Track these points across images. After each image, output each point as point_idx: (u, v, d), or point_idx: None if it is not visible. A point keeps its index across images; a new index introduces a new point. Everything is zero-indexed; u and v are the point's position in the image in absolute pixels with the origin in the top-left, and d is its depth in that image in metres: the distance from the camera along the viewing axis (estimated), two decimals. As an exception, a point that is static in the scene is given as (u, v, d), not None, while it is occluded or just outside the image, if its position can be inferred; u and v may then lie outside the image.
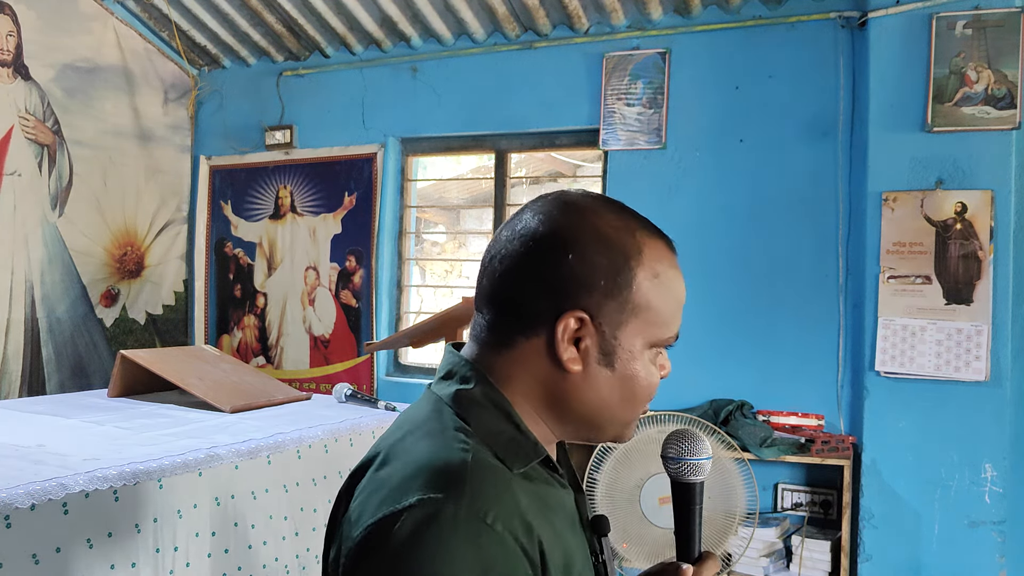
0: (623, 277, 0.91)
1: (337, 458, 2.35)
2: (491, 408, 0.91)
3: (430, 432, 0.88)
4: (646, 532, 3.21)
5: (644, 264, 0.92)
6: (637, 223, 0.95)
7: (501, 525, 0.80)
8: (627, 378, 0.93)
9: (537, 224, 0.93)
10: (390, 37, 4.45)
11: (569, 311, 0.90)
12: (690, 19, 3.83)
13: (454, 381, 0.95)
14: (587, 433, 0.98)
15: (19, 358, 4.18)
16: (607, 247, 0.91)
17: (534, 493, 0.88)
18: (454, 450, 0.85)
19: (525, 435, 0.91)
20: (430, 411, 0.93)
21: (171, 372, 2.63)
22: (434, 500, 0.79)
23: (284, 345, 4.82)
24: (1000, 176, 3.17)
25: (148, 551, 1.79)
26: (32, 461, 1.78)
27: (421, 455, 0.85)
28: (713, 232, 3.72)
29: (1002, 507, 3.15)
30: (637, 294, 0.91)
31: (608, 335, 0.91)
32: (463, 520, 0.78)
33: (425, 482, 0.81)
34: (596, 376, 0.92)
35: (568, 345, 0.91)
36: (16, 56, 4.15)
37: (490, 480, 0.83)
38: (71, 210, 4.43)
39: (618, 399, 0.94)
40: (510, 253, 0.93)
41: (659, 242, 0.95)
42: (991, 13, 3.19)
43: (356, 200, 4.62)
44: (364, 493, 0.87)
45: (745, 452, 3.34)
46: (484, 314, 0.96)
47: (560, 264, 0.90)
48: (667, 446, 1.04)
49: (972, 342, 3.17)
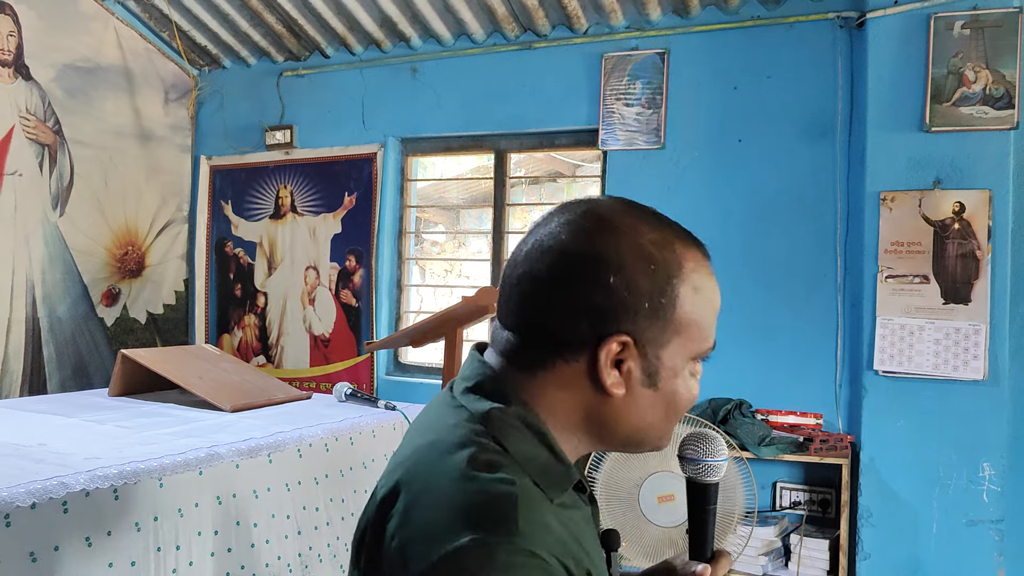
0: (667, 298, 0.88)
1: (338, 457, 2.36)
2: (527, 431, 0.88)
3: (471, 460, 0.83)
4: (645, 530, 3.22)
5: (685, 279, 0.90)
6: (674, 233, 0.92)
7: (555, 560, 0.77)
8: (669, 395, 0.92)
9: (570, 241, 0.88)
10: (390, 37, 4.46)
11: (613, 336, 0.86)
12: (689, 19, 3.84)
13: (485, 397, 0.90)
14: (626, 449, 0.98)
15: (20, 357, 4.19)
16: (649, 267, 0.87)
17: (570, 520, 0.86)
18: (498, 483, 0.80)
19: (560, 461, 0.89)
20: (465, 433, 0.87)
21: (172, 371, 2.64)
22: (487, 540, 0.75)
23: (284, 344, 4.83)
24: (998, 176, 3.18)
25: (149, 550, 1.80)
26: (33, 460, 1.79)
27: (467, 488, 0.80)
28: (712, 232, 3.69)
29: (1000, 506, 3.15)
30: (680, 312, 0.89)
31: (651, 356, 0.89)
32: (518, 558, 0.75)
33: (476, 521, 0.77)
34: (640, 397, 0.90)
35: (611, 369, 0.88)
36: (17, 56, 4.16)
37: (537, 514, 0.80)
38: (72, 210, 4.44)
39: (661, 416, 0.93)
40: (541, 273, 0.89)
41: (696, 252, 0.93)
42: (989, 13, 3.19)
43: (356, 200, 4.63)
44: (407, 520, 0.82)
45: (744, 451, 3.35)
46: (514, 332, 0.92)
47: (601, 288, 0.86)
48: (685, 447, 1.05)
49: (970, 341, 3.18)
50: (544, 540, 0.77)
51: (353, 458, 2.42)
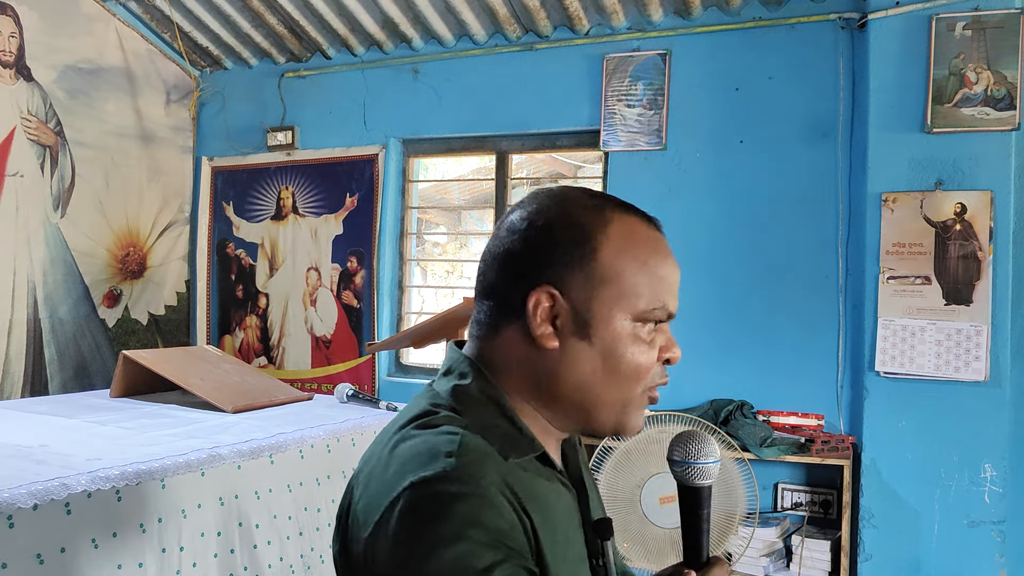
0: (585, 248, 0.92)
1: (340, 458, 2.36)
2: (487, 403, 0.93)
3: (423, 425, 0.90)
4: (647, 532, 3.22)
5: (610, 235, 0.93)
6: (611, 204, 0.97)
7: (493, 488, 0.82)
8: (608, 350, 0.93)
9: (515, 217, 0.97)
10: (391, 38, 4.46)
11: (537, 287, 0.92)
12: (690, 20, 3.84)
13: (453, 377, 0.97)
14: (582, 420, 0.97)
15: (21, 359, 4.19)
16: (569, 223, 0.93)
17: (529, 482, 0.89)
18: (444, 437, 0.86)
19: (520, 430, 0.93)
20: (425, 406, 0.94)
21: (173, 372, 2.64)
22: (425, 479, 0.81)
23: (286, 345, 4.83)
24: (999, 177, 3.18)
25: (154, 551, 1.80)
26: (34, 461, 1.79)
27: (413, 447, 0.87)
28: (713, 233, 3.73)
29: (1001, 507, 3.15)
30: (603, 264, 0.92)
31: (580, 308, 0.92)
32: (454, 489, 0.80)
33: (416, 466, 0.83)
34: (574, 350, 0.93)
35: (542, 322, 0.92)
36: (18, 57, 4.17)
37: (479, 458, 0.85)
38: (73, 211, 4.44)
39: (601, 375, 0.93)
40: (491, 247, 0.98)
41: (632, 217, 0.96)
42: (991, 14, 3.19)
43: (357, 201, 4.63)
44: (365, 492, 0.89)
45: (745, 452, 3.35)
46: (477, 310, 1.00)
47: (526, 245, 0.94)
48: (673, 449, 1.02)
49: (971, 342, 3.18)
50: (482, 473, 0.82)
51: (355, 459, 2.40)
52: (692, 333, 3.26)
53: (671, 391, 3.68)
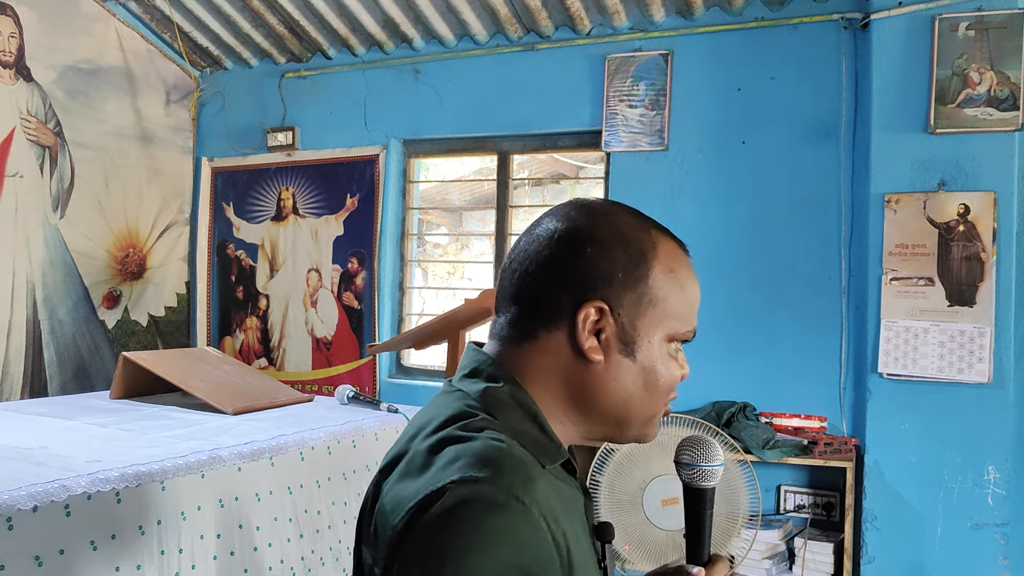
0: (640, 270, 0.95)
1: (340, 460, 2.35)
2: (517, 408, 0.94)
3: (466, 427, 0.89)
4: (649, 534, 3.21)
5: (659, 259, 0.96)
6: (651, 224, 1.00)
7: (536, 508, 0.81)
8: (648, 368, 0.96)
9: (556, 225, 0.97)
10: (392, 39, 4.46)
11: (589, 302, 0.93)
12: (692, 21, 3.83)
13: (481, 379, 0.97)
14: (610, 430, 1.00)
15: (21, 360, 4.18)
16: (624, 242, 0.95)
17: (559, 489, 0.91)
18: (490, 440, 0.86)
19: (549, 437, 0.94)
20: (461, 408, 0.93)
21: (173, 374, 2.63)
22: (475, 478, 0.80)
23: (286, 347, 4.82)
24: (1003, 178, 3.17)
25: (153, 553, 1.79)
26: (34, 463, 1.78)
27: (461, 449, 0.86)
28: (715, 234, 3.72)
29: (1005, 509, 3.14)
30: (653, 287, 0.95)
31: (627, 325, 0.95)
32: (502, 498, 0.80)
33: (465, 464, 0.82)
34: (618, 366, 0.95)
35: (589, 335, 0.94)
36: (18, 58, 4.16)
37: (525, 467, 0.85)
38: (73, 212, 4.43)
39: (641, 390, 0.97)
40: (530, 254, 0.97)
41: (673, 243, 0.99)
42: (994, 15, 3.19)
43: (358, 202, 4.62)
44: (400, 485, 0.88)
45: (748, 454, 3.34)
46: (505, 312, 0.99)
47: (580, 258, 0.94)
48: (681, 452, 1.07)
49: (975, 344, 3.17)
50: (529, 490, 0.82)
51: (356, 461, 2.40)
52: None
53: (673, 392, 3.66)
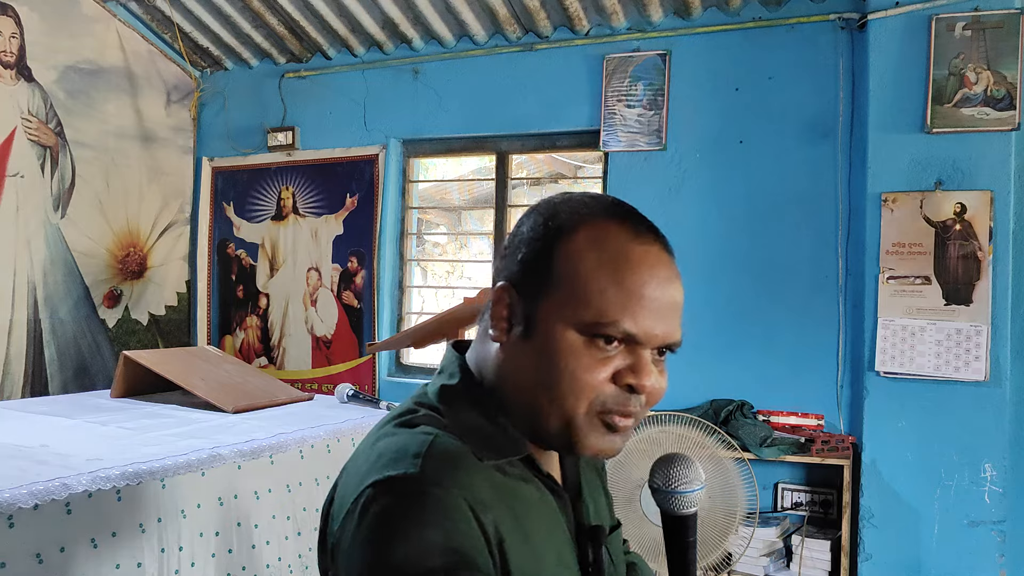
0: (543, 244, 0.90)
1: (340, 458, 2.36)
2: (470, 403, 0.93)
3: (403, 424, 0.90)
4: (646, 532, 3.22)
5: (577, 237, 0.88)
6: (601, 208, 0.91)
7: (459, 492, 0.80)
8: (547, 354, 0.87)
9: (525, 218, 0.97)
10: (392, 39, 4.47)
11: (499, 282, 0.93)
12: (690, 21, 3.84)
13: (443, 376, 0.98)
14: (530, 426, 0.90)
15: (22, 359, 4.19)
16: (543, 220, 0.92)
17: (503, 484, 0.87)
18: (417, 437, 0.86)
19: (504, 430, 0.91)
20: (409, 405, 0.95)
21: (174, 373, 2.64)
22: (388, 478, 0.80)
23: (286, 346, 4.83)
24: (999, 177, 3.18)
25: (153, 551, 1.80)
26: (35, 461, 1.79)
27: (388, 445, 0.87)
28: (713, 233, 3.73)
29: (1002, 507, 3.15)
30: (557, 264, 0.88)
31: (528, 305, 0.89)
32: (420, 488, 0.79)
33: (383, 465, 0.83)
34: (515, 348, 0.90)
35: (498, 319, 0.92)
36: (19, 58, 4.17)
37: (447, 459, 0.83)
38: (73, 211, 4.44)
39: (543, 380, 0.87)
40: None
41: (616, 225, 0.89)
42: (990, 15, 3.20)
43: (358, 201, 4.63)
44: (341, 487, 0.90)
45: (745, 452, 3.35)
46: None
47: (508, 243, 0.95)
48: (654, 475, 0.94)
49: (971, 342, 3.18)
50: (452, 478, 0.80)
51: (355, 459, 2.41)
52: (692, 333, 3.24)
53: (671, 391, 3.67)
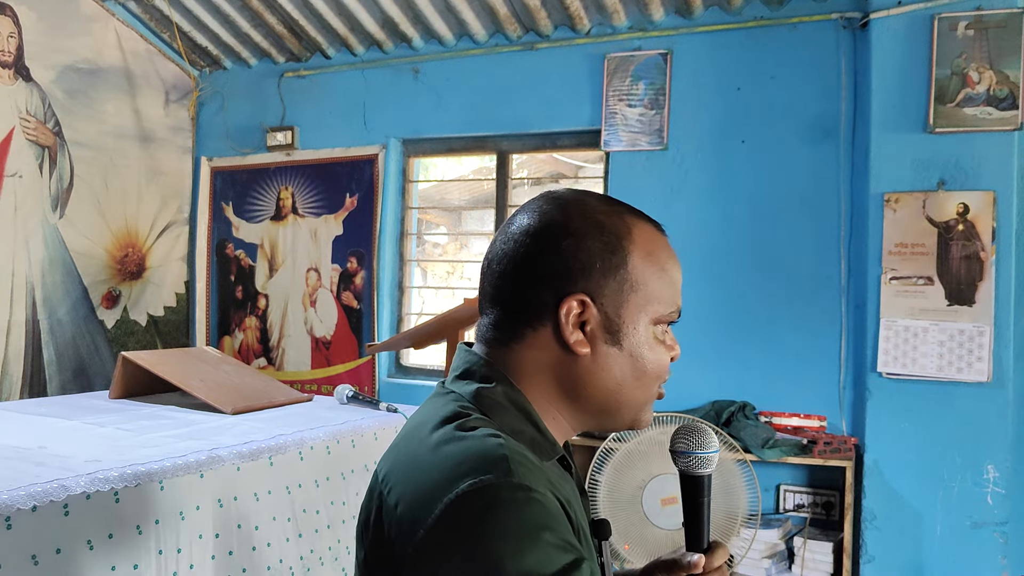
0: (618, 257, 0.94)
1: (339, 460, 2.35)
2: (512, 409, 0.94)
3: (463, 427, 0.89)
4: (648, 533, 3.21)
5: (636, 243, 0.96)
6: (625, 209, 0.99)
7: (549, 493, 0.83)
8: (636, 355, 0.96)
9: (529, 221, 0.97)
10: (391, 38, 4.45)
11: (570, 295, 0.93)
12: (692, 20, 3.83)
13: (474, 380, 0.97)
14: (604, 420, 1.00)
15: (20, 360, 4.18)
16: (599, 230, 0.95)
17: (559, 483, 0.92)
18: (490, 441, 0.86)
19: (544, 435, 0.95)
20: (453, 408, 0.93)
21: (172, 374, 2.63)
22: (485, 482, 0.81)
23: (285, 347, 4.82)
24: (1002, 177, 3.17)
25: (150, 553, 1.79)
26: (33, 463, 1.78)
27: (463, 449, 0.86)
28: (715, 233, 3.72)
29: (1004, 508, 3.14)
30: (633, 272, 0.95)
31: (611, 314, 0.94)
32: (516, 493, 0.80)
33: (471, 469, 0.82)
34: (606, 356, 0.95)
35: (574, 329, 0.94)
36: (17, 57, 4.15)
37: (527, 463, 0.86)
38: (72, 211, 4.42)
39: (630, 377, 0.96)
40: (507, 253, 0.97)
41: (649, 225, 0.99)
42: (993, 14, 3.19)
43: (357, 201, 4.62)
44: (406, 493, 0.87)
45: (747, 453, 3.34)
46: (488, 314, 0.99)
47: (556, 251, 0.94)
48: (676, 440, 1.07)
49: (974, 343, 3.17)
50: (537, 479, 0.83)
51: (355, 461, 2.40)
52: (693, 334, 3.25)
53: (672, 392, 3.66)
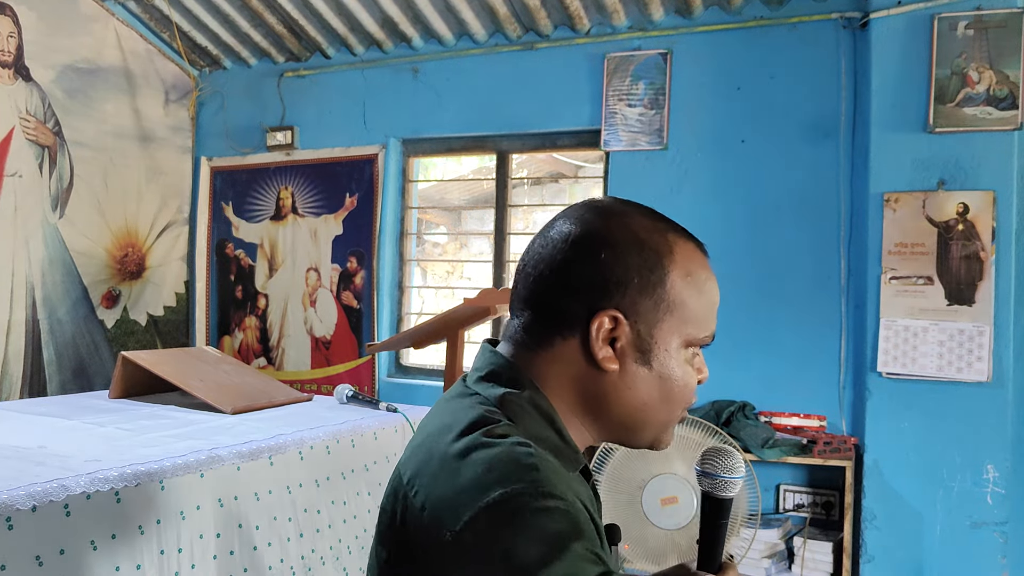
0: (656, 275, 0.92)
1: (339, 459, 2.35)
2: (537, 415, 0.92)
3: (491, 433, 0.87)
4: (648, 533, 3.20)
5: (676, 262, 0.93)
6: (667, 225, 0.97)
7: (578, 502, 0.83)
8: (665, 377, 0.94)
9: (570, 228, 0.94)
10: (391, 38, 4.45)
11: (603, 310, 0.91)
12: (691, 20, 3.83)
13: (500, 384, 0.95)
14: (624, 436, 0.99)
15: (20, 359, 4.18)
16: (639, 246, 0.92)
17: (582, 491, 0.91)
18: (520, 450, 0.85)
19: (568, 444, 0.93)
20: (480, 412, 0.91)
21: (172, 373, 2.62)
22: (515, 491, 0.80)
23: (285, 346, 4.82)
24: (1002, 177, 3.17)
25: (152, 553, 1.79)
26: (33, 462, 1.78)
27: (493, 455, 0.84)
28: (715, 233, 3.71)
29: (1004, 508, 3.14)
30: (671, 291, 0.92)
31: (643, 333, 0.92)
32: (546, 502, 0.80)
33: (502, 477, 0.81)
34: (634, 375, 0.93)
35: (603, 344, 0.92)
36: (17, 57, 4.15)
37: (555, 471, 0.85)
38: (72, 211, 4.42)
39: (656, 399, 0.95)
40: (544, 257, 0.95)
41: (690, 244, 0.97)
42: (993, 14, 3.19)
43: (357, 201, 4.62)
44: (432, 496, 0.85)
45: (747, 453, 3.34)
46: (520, 316, 0.97)
47: (594, 263, 0.91)
48: (705, 461, 1.07)
49: (974, 343, 3.17)
50: (565, 488, 0.82)
51: (355, 460, 2.40)
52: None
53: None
